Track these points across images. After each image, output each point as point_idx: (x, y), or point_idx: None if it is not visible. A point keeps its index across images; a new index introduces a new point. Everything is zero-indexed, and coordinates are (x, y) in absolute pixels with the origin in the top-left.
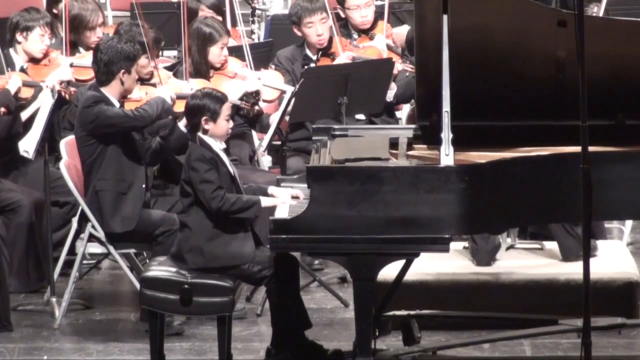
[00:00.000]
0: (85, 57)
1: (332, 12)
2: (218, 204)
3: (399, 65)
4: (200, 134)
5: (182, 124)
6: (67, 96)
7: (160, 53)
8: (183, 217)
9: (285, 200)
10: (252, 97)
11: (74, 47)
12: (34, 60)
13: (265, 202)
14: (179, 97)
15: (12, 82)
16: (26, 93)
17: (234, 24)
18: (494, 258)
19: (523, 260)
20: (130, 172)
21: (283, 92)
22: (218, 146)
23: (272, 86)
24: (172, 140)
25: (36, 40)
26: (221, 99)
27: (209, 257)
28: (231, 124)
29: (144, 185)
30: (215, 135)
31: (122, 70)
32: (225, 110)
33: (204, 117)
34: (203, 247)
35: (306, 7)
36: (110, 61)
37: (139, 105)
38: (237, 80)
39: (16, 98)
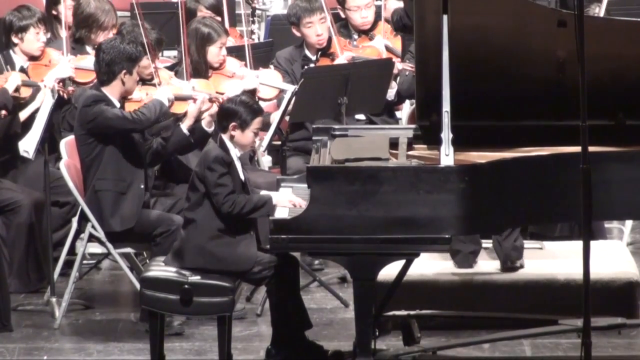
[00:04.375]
0: (85, 60)
1: (330, 12)
2: (229, 208)
3: (399, 65)
4: (223, 135)
5: (184, 127)
6: (65, 95)
7: (160, 53)
8: (189, 213)
9: (288, 204)
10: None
11: (81, 45)
12: (34, 58)
13: (276, 199)
14: (180, 99)
15: (11, 80)
16: (25, 92)
17: (233, 24)
18: (475, 260)
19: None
20: (129, 172)
21: (281, 90)
22: (235, 152)
23: (270, 85)
24: (174, 143)
25: (32, 40)
26: (256, 111)
27: (209, 258)
28: (257, 138)
29: (142, 186)
30: (239, 143)
31: (124, 71)
32: (256, 123)
33: (233, 123)
34: (205, 247)
35: (305, 7)
36: (112, 61)
37: (139, 107)
38: (235, 79)
39: (15, 97)
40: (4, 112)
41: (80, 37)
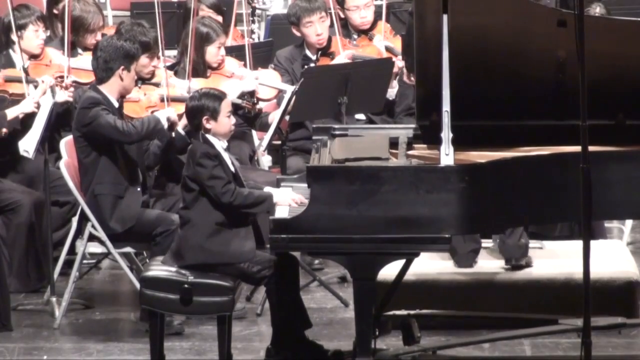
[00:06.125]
0: (85, 59)
1: (336, 12)
2: (229, 198)
3: (399, 63)
4: (202, 132)
5: (180, 127)
6: (62, 89)
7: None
8: (185, 212)
9: (295, 196)
10: (249, 96)
11: (72, 48)
12: (34, 57)
13: (277, 197)
14: (179, 100)
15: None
16: (22, 89)
17: (234, 23)
18: (475, 260)
19: None
20: (127, 175)
21: (280, 90)
22: (220, 145)
23: (269, 85)
24: (173, 144)
25: (31, 37)
26: (219, 96)
27: (209, 253)
28: (233, 120)
29: (139, 189)
30: (218, 133)
31: (122, 67)
32: (225, 107)
33: (205, 117)
34: (203, 244)
35: (305, 7)
36: (110, 58)
37: (134, 119)
38: (234, 79)
39: (15, 95)
40: (4, 130)
41: (70, 40)
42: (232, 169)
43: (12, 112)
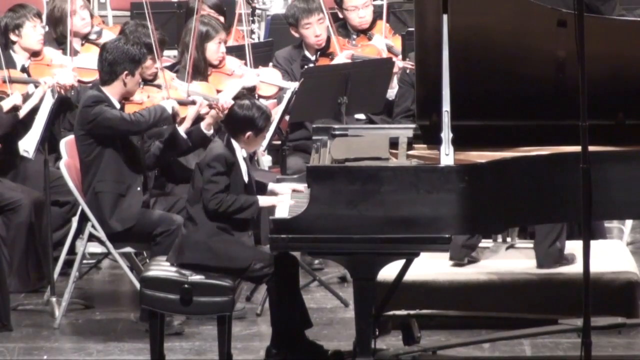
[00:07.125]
0: (84, 57)
1: (329, 12)
2: (214, 205)
3: (400, 63)
4: (234, 139)
5: (181, 129)
6: (62, 91)
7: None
8: (189, 208)
9: (285, 198)
10: (249, 93)
11: (64, 43)
12: (35, 54)
13: (263, 201)
14: (181, 104)
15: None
16: (21, 90)
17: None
18: (469, 255)
19: (523, 260)
20: (129, 174)
21: (281, 88)
22: (241, 153)
23: (270, 82)
24: (174, 146)
25: (30, 34)
26: (269, 116)
27: (207, 254)
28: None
29: (139, 188)
30: (249, 147)
31: (126, 72)
32: (268, 126)
33: (249, 133)
34: (203, 243)
35: (303, 8)
36: (115, 61)
37: (139, 110)
38: (234, 78)
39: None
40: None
41: (60, 35)
42: (245, 178)
43: (5, 104)
